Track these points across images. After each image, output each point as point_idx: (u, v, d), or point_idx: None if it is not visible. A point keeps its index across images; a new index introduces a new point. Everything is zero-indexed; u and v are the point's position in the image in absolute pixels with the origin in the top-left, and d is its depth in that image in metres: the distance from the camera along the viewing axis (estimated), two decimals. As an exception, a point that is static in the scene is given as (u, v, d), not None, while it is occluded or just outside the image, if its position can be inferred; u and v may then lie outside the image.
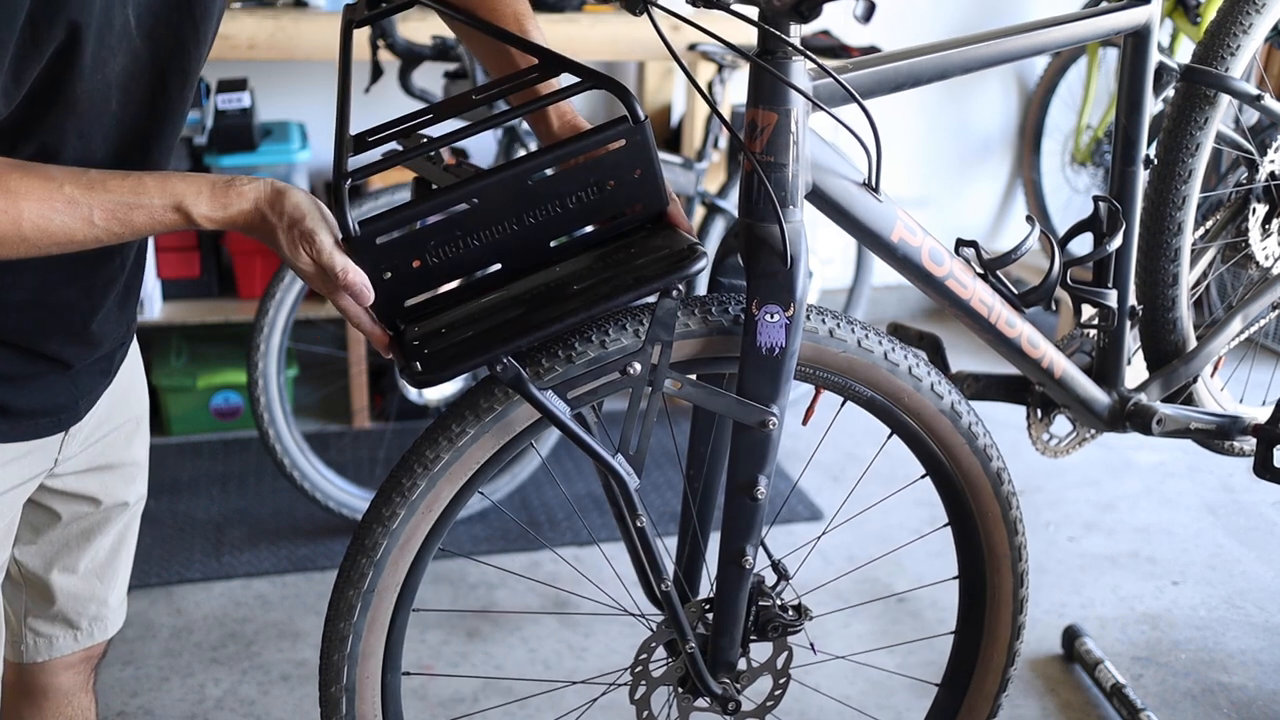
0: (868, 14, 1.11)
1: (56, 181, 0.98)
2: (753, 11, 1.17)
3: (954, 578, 1.56)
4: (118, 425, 1.33)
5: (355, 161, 1.08)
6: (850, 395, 1.37)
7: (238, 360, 3.03)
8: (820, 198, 1.28)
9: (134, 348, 1.35)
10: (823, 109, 1.21)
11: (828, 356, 1.31)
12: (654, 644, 1.43)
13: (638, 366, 1.20)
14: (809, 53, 1.18)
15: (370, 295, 1.07)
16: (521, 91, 1.20)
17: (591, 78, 1.13)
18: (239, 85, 3.02)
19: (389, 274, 1.08)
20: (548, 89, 1.21)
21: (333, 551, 2.62)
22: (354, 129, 1.13)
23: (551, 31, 2.97)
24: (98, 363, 1.23)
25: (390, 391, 3.20)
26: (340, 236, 1.06)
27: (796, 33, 1.17)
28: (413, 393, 2.82)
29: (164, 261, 3.12)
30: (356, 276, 1.06)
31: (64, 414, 1.21)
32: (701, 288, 2.34)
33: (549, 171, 1.10)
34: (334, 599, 1.28)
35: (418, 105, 2.73)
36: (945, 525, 1.52)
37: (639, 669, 1.43)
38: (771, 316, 1.22)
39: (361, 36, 2.61)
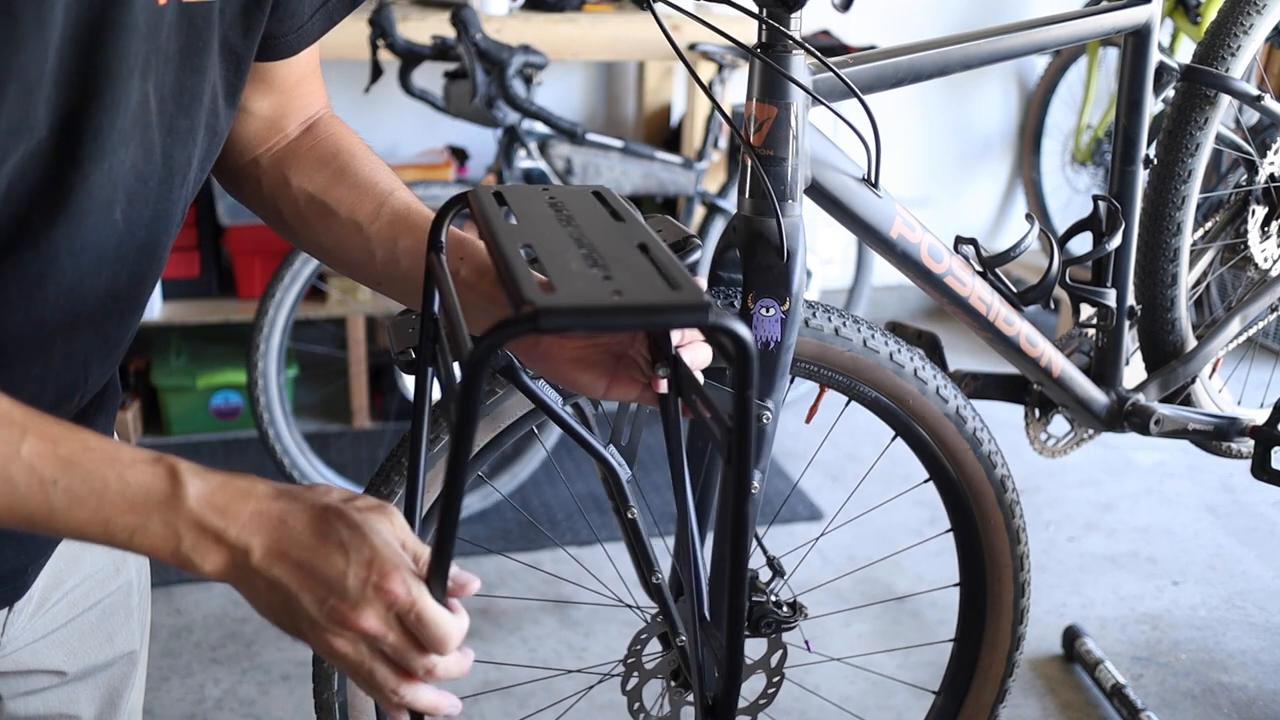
0: (846, 3, 1.11)
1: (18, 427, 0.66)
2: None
3: (955, 584, 1.55)
4: (80, 583, 0.98)
5: None
6: (855, 395, 1.36)
7: (238, 360, 3.03)
8: (819, 193, 1.28)
9: None
10: (823, 103, 1.21)
11: (832, 355, 1.31)
12: (645, 635, 1.43)
13: None
14: (809, 46, 1.18)
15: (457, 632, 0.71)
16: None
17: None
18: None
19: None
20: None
21: (332, 551, 2.61)
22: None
23: (551, 31, 2.99)
24: None
25: (390, 391, 3.20)
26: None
27: (797, 27, 1.17)
28: (412, 390, 2.82)
29: (164, 261, 3.11)
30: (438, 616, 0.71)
31: (8, 585, 0.89)
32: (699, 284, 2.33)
33: None
34: None
35: (416, 104, 2.73)
36: (947, 531, 1.52)
37: (631, 660, 1.43)
38: (767, 311, 1.21)
39: (362, 36, 2.61)
